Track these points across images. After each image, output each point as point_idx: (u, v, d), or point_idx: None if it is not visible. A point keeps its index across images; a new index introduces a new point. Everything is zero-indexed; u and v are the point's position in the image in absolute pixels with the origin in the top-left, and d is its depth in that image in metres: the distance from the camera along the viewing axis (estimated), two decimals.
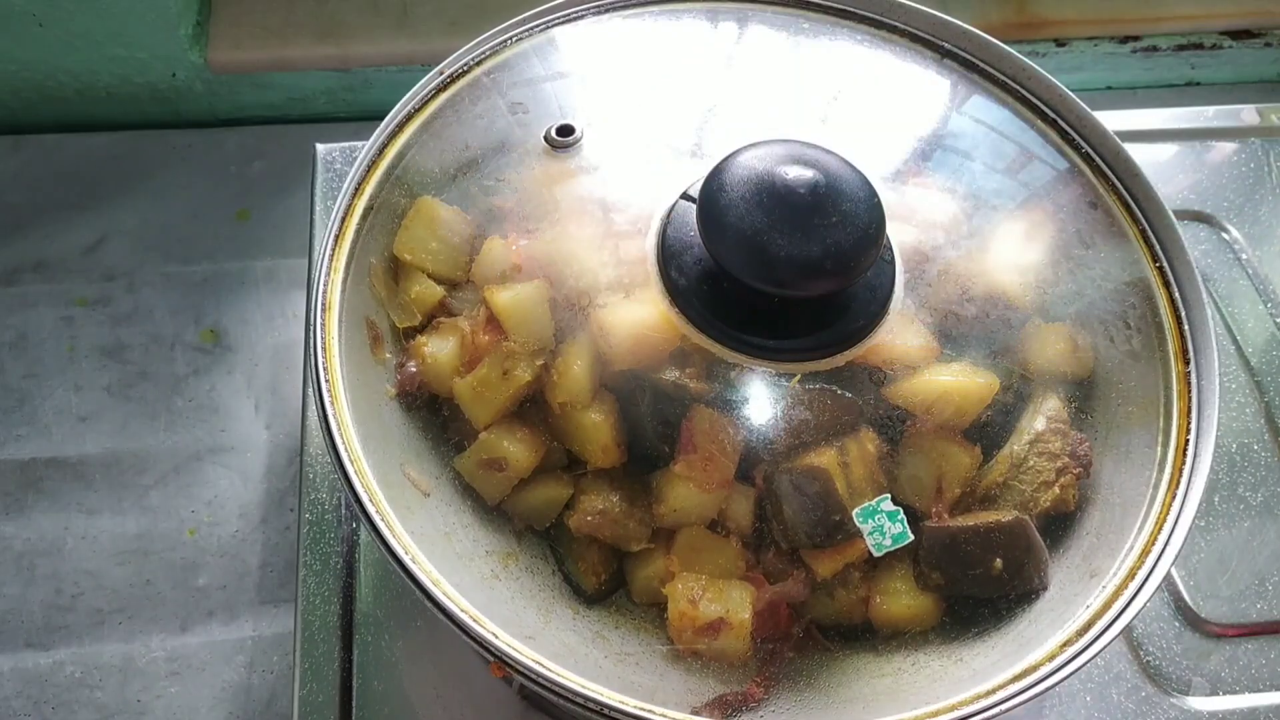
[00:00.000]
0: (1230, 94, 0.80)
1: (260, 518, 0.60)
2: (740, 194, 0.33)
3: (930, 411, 0.36)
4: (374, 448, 0.38)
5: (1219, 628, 0.52)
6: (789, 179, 0.33)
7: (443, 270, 0.40)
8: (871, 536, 0.35)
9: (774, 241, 0.33)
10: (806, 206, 0.33)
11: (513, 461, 0.37)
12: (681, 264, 0.37)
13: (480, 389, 0.37)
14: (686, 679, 0.35)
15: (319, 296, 0.40)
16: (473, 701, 0.47)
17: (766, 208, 0.33)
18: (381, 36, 0.72)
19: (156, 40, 0.69)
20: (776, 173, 0.33)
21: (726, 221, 0.33)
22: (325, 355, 0.39)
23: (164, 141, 0.72)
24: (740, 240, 0.33)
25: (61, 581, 0.58)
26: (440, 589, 0.35)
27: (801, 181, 0.33)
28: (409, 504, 0.37)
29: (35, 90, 0.71)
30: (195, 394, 0.63)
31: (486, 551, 0.37)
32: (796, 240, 0.33)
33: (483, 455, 0.37)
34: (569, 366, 0.37)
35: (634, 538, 0.37)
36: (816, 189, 0.33)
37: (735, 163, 0.34)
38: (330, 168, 0.59)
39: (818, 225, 0.33)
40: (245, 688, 0.55)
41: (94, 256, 0.67)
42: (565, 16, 0.46)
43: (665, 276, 0.37)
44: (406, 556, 0.36)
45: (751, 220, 0.33)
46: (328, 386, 0.38)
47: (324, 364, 0.39)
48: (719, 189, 0.34)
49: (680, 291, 0.36)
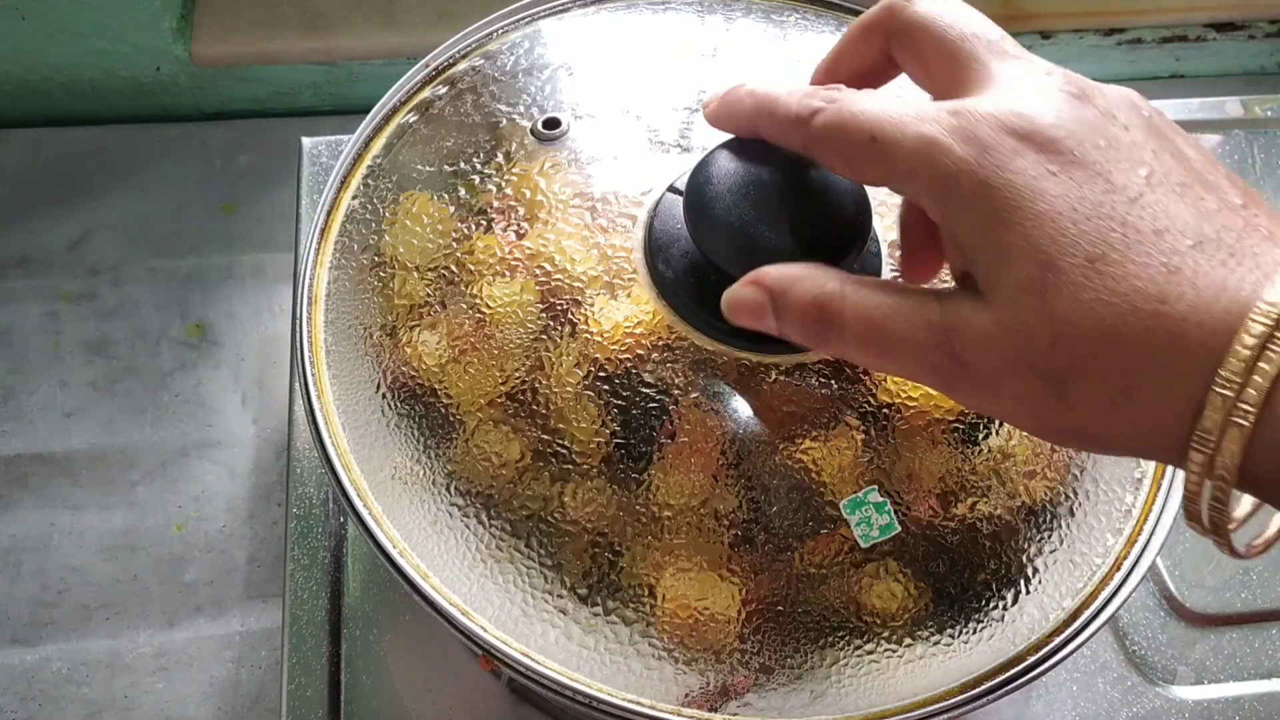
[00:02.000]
0: (1214, 86, 0.80)
1: (248, 513, 0.60)
2: (726, 185, 0.33)
3: (915, 401, 0.36)
4: (361, 442, 0.38)
5: (1204, 617, 0.52)
6: (775, 170, 0.33)
7: (429, 264, 0.40)
8: (859, 528, 0.35)
9: (759, 233, 0.32)
10: (792, 198, 0.33)
11: (500, 455, 0.37)
12: (669, 256, 0.37)
13: (468, 383, 0.37)
14: (675, 671, 0.35)
15: (305, 290, 0.40)
16: (462, 695, 0.47)
17: (753, 199, 0.33)
18: (367, 30, 0.71)
19: (140, 34, 0.68)
20: (763, 164, 0.33)
21: (712, 213, 0.33)
22: (312, 349, 0.39)
23: (148, 136, 0.72)
24: (726, 232, 0.33)
25: (48, 577, 0.57)
26: (429, 583, 0.35)
27: (788, 173, 0.33)
28: (396, 498, 0.37)
29: (18, 84, 0.71)
30: (182, 389, 0.63)
31: (475, 545, 0.37)
32: (782, 232, 0.32)
33: (471, 449, 0.37)
34: (557, 360, 0.37)
35: (622, 531, 0.37)
36: (803, 180, 0.33)
37: (722, 154, 0.34)
38: (316, 161, 0.59)
39: (804, 216, 0.33)
40: (233, 683, 0.55)
41: (78, 251, 0.67)
42: (552, 9, 0.46)
43: (652, 269, 0.37)
44: (394, 550, 0.36)
45: (738, 212, 0.33)
46: (314, 380, 0.38)
47: (310, 358, 0.39)
48: (705, 181, 0.34)
49: (667, 284, 0.36)
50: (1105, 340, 0.25)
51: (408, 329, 0.39)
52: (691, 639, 0.35)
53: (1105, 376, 0.25)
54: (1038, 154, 0.26)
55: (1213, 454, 0.24)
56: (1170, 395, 0.25)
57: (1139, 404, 0.25)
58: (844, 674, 0.36)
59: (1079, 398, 0.26)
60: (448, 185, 0.41)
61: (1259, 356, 0.23)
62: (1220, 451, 0.24)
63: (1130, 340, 0.25)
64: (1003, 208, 0.26)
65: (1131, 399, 0.25)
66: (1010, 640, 0.37)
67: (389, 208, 0.41)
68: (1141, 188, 0.26)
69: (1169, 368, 0.25)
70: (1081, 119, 0.27)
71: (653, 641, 0.36)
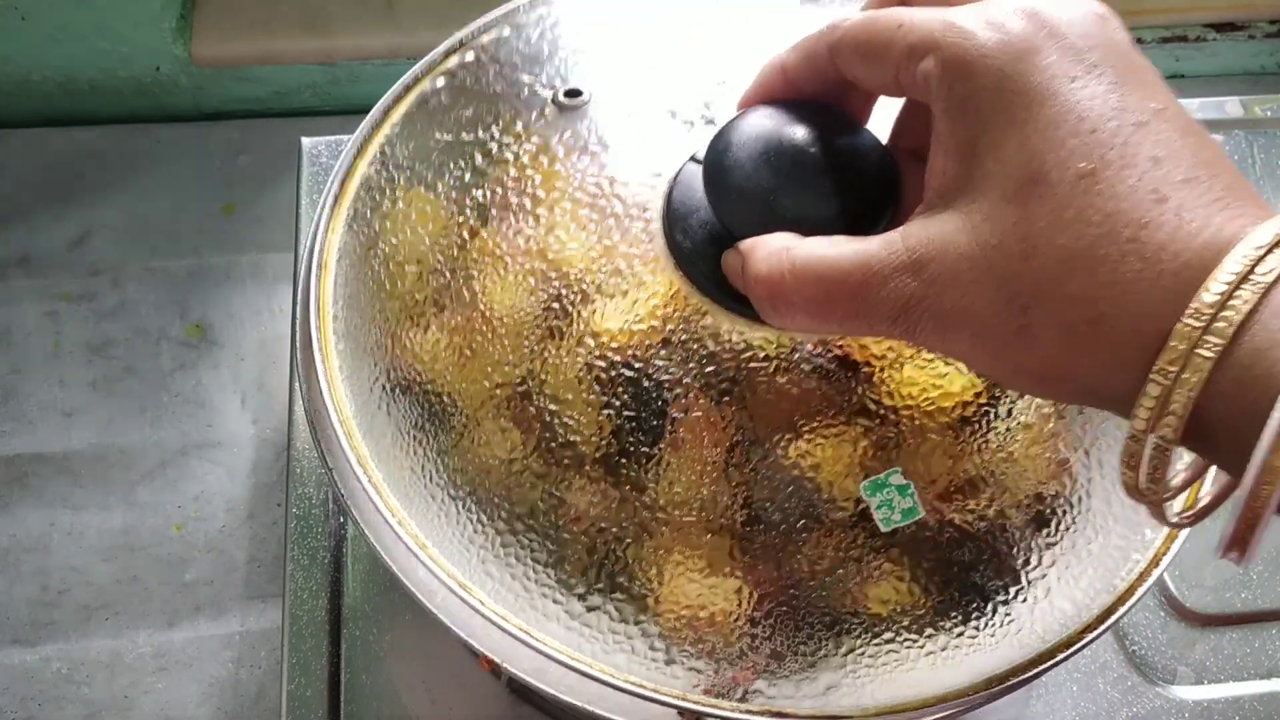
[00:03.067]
0: (1215, 86, 0.80)
1: (247, 513, 0.60)
2: (747, 152, 0.32)
3: (924, 396, 0.36)
4: (362, 441, 0.38)
5: (1204, 617, 0.52)
6: (799, 137, 0.32)
7: (433, 260, 0.40)
8: (880, 511, 0.35)
9: (781, 202, 0.31)
10: (817, 166, 0.31)
11: (504, 452, 0.37)
12: (688, 226, 0.35)
13: (471, 380, 0.37)
14: (676, 668, 0.35)
15: (305, 290, 0.40)
16: (461, 695, 0.47)
17: (775, 166, 0.31)
18: (367, 30, 0.71)
19: (140, 33, 0.68)
20: (786, 131, 0.32)
21: (731, 180, 0.32)
22: (322, 344, 0.39)
23: (148, 136, 0.72)
24: (745, 199, 0.32)
25: (48, 578, 0.57)
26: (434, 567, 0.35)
27: (813, 140, 0.32)
28: (397, 496, 0.37)
29: (17, 84, 0.71)
30: (181, 389, 0.63)
31: (476, 543, 0.37)
32: (806, 200, 0.31)
33: (473, 443, 0.37)
34: (562, 357, 0.37)
35: (624, 527, 0.37)
36: (828, 148, 0.32)
37: (744, 121, 0.32)
38: (316, 161, 0.59)
39: (828, 185, 0.31)
40: (233, 683, 0.55)
41: (78, 251, 0.67)
42: None
43: (670, 239, 0.36)
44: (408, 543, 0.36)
45: (759, 179, 0.31)
46: (321, 375, 0.38)
47: (312, 356, 0.39)
48: (725, 147, 0.32)
49: (685, 254, 0.35)
50: (1079, 262, 0.24)
51: (412, 325, 0.39)
52: (693, 636, 0.35)
53: (1073, 301, 0.24)
54: (1061, 57, 0.25)
55: (1170, 388, 0.24)
56: (1135, 326, 0.24)
57: (1102, 335, 0.24)
58: (845, 671, 0.36)
59: (1041, 326, 0.25)
60: (465, 153, 0.40)
61: (1231, 295, 0.23)
62: (1178, 386, 0.24)
63: (1104, 264, 0.24)
64: (1010, 104, 0.25)
65: (1096, 329, 0.24)
66: (1013, 640, 0.37)
67: (395, 200, 0.41)
68: (1150, 116, 0.25)
69: (1139, 296, 0.24)
70: (1109, 38, 0.26)
71: (654, 639, 0.36)
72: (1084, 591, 0.37)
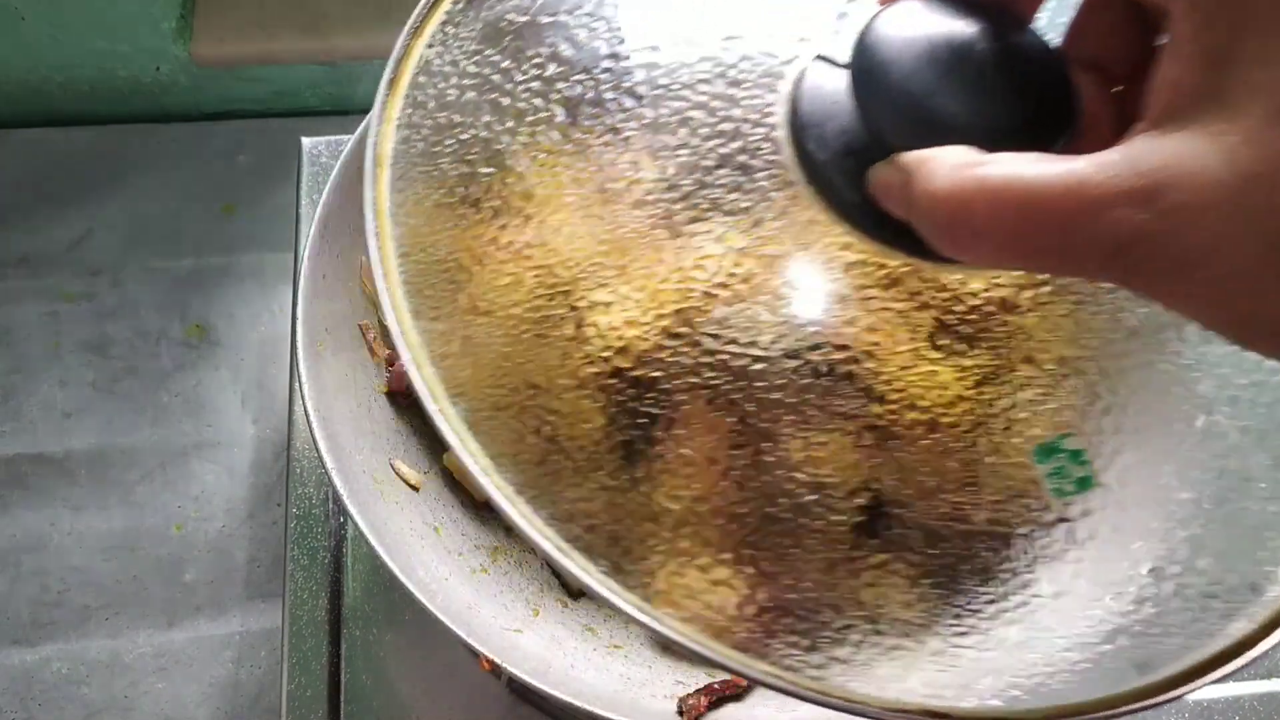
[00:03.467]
0: None
1: (247, 513, 0.60)
2: (905, 47, 0.28)
3: (929, 396, 0.36)
4: (363, 443, 0.38)
5: None
6: (968, 33, 0.28)
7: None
8: (1051, 479, 0.31)
9: (943, 105, 0.27)
10: (988, 65, 0.28)
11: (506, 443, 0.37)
12: (823, 135, 0.30)
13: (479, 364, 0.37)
14: (675, 668, 0.35)
15: (370, 153, 0.38)
16: (461, 694, 0.47)
17: (939, 65, 0.28)
18: (366, 29, 0.71)
19: (140, 34, 0.68)
20: (953, 25, 0.28)
21: (887, 79, 0.28)
22: (376, 203, 0.37)
23: (148, 136, 0.72)
24: (902, 102, 0.27)
25: (48, 578, 0.57)
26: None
27: (983, 37, 0.28)
28: (397, 499, 0.37)
29: (18, 84, 0.71)
30: (181, 389, 0.63)
31: (475, 546, 0.37)
32: (972, 104, 0.27)
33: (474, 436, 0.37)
34: (562, 356, 0.36)
35: (624, 527, 0.37)
36: (1001, 49, 0.28)
37: (900, 10, 0.28)
38: (316, 161, 0.59)
39: (1000, 87, 0.28)
40: (233, 683, 0.55)
41: (79, 251, 0.67)
42: None
43: (800, 149, 0.30)
44: None
45: (919, 79, 0.27)
46: (317, 374, 0.38)
47: (308, 358, 0.39)
48: (878, 40, 0.28)
49: (819, 167, 0.30)
50: None
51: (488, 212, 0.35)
52: (696, 630, 0.35)
53: None
54: None
55: None
56: None
57: None
58: (842, 671, 0.36)
59: None
60: (546, 41, 0.35)
61: None
62: None
63: None
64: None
65: None
66: (1014, 649, 0.36)
67: None
68: None
69: None
70: None
71: (653, 640, 0.36)
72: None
